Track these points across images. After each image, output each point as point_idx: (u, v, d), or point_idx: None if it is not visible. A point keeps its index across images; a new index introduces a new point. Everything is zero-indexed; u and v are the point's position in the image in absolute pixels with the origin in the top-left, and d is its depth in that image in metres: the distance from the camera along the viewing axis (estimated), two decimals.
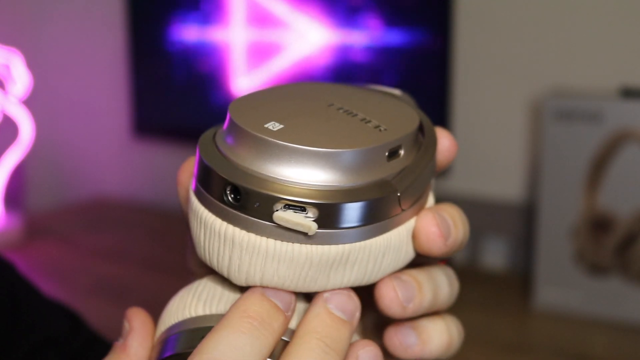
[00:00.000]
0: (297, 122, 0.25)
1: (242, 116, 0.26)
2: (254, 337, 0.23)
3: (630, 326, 0.90)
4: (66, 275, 1.12)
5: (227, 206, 0.24)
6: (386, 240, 0.26)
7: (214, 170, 0.24)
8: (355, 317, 0.26)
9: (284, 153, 0.24)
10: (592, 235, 0.92)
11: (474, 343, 0.87)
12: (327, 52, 1.11)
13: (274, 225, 0.23)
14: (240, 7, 1.19)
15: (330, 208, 0.23)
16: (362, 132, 0.25)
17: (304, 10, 1.12)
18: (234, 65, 1.22)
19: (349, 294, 0.26)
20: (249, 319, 0.23)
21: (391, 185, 0.25)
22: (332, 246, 0.24)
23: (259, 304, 0.24)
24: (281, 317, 0.24)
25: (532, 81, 1.08)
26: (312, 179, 0.24)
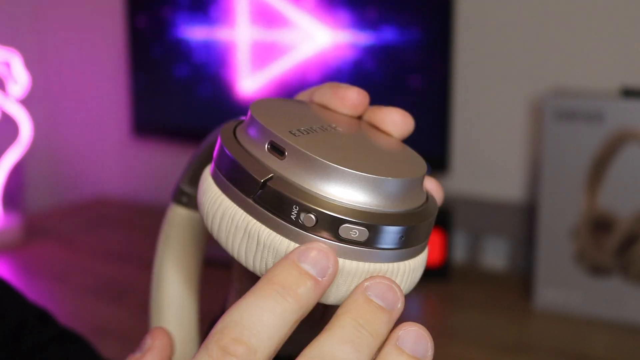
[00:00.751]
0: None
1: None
2: (276, 302, 0.23)
3: (630, 326, 0.90)
4: (66, 275, 1.12)
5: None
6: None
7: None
8: (396, 308, 0.25)
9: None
10: (593, 236, 0.91)
11: (474, 343, 0.87)
12: (331, 52, 1.11)
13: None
14: (243, 8, 1.19)
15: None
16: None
17: (308, 11, 1.12)
18: (238, 65, 1.22)
19: (390, 285, 0.26)
20: (272, 285, 0.23)
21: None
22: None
23: (286, 271, 0.24)
24: (308, 283, 0.24)
25: (532, 81, 1.08)
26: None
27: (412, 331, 0.25)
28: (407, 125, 0.31)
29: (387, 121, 0.31)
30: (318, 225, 0.25)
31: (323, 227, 0.25)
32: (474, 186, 1.15)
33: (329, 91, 0.31)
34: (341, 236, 0.25)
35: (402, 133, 0.31)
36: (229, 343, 0.22)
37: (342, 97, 0.31)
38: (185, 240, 0.37)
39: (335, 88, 0.31)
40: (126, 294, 1.04)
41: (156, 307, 0.37)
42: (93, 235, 1.33)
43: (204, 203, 0.28)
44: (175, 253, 0.37)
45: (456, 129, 1.14)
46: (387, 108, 0.31)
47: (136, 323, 0.94)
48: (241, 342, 0.22)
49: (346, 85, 0.31)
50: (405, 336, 0.25)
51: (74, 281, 1.09)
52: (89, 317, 0.97)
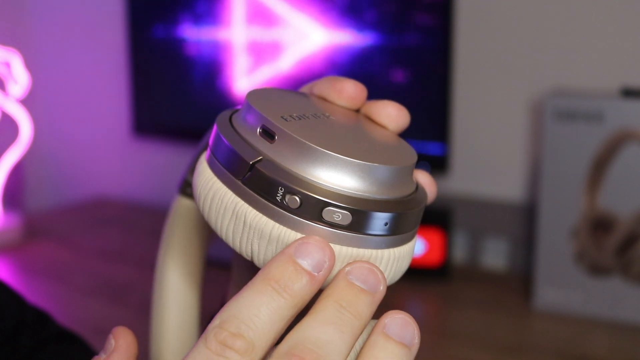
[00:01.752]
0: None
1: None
2: (272, 297, 0.24)
3: (630, 326, 0.90)
4: (66, 275, 1.12)
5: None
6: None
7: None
8: (379, 291, 0.26)
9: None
10: (593, 236, 0.91)
11: (473, 343, 0.87)
12: (328, 51, 1.11)
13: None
14: (240, 8, 1.19)
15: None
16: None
17: (305, 10, 1.12)
18: (235, 64, 1.22)
19: (371, 267, 0.26)
20: (268, 281, 0.24)
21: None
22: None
23: (282, 266, 0.24)
24: (304, 279, 0.24)
25: (532, 81, 1.08)
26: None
27: (398, 318, 0.25)
28: (402, 119, 0.32)
29: (382, 114, 0.31)
30: (302, 208, 0.25)
31: (307, 210, 0.25)
32: (474, 186, 1.15)
33: (328, 83, 0.32)
34: (324, 219, 0.25)
35: (397, 126, 0.32)
36: (227, 337, 0.23)
37: (339, 90, 0.31)
38: (190, 230, 0.38)
39: (333, 81, 0.32)
40: (126, 294, 1.04)
41: (159, 294, 0.38)
42: (93, 235, 1.33)
43: (197, 185, 0.28)
44: (179, 242, 0.37)
45: (456, 129, 1.14)
46: (383, 101, 0.32)
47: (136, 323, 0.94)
48: (240, 336, 0.23)
49: (344, 78, 0.32)
50: (392, 323, 0.25)
51: (74, 281, 1.09)
52: (89, 317, 0.97)
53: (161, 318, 0.38)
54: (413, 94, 1.05)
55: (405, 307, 1.00)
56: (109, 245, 1.27)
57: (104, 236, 1.33)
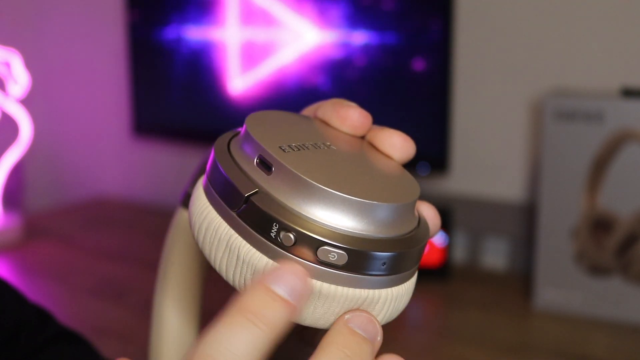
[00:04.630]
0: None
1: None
2: (246, 329, 0.23)
3: (630, 326, 0.90)
4: (66, 275, 1.12)
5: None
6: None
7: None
8: (377, 340, 0.25)
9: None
10: (593, 236, 0.91)
11: (474, 343, 0.87)
12: (323, 51, 1.11)
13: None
14: (238, 8, 1.19)
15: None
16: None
17: (299, 10, 1.12)
18: (230, 65, 1.22)
19: (369, 317, 0.25)
20: (243, 312, 0.23)
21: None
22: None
23: (257, 296, 0.23)
24: (280, 307, 0.23)
25: (532, 81, 1.08)
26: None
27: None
28: (407, 150, 0.31)
29: (387, 144, 0.30)
30: (297, 245, 0.24)
31: (302, 248, 0.24)
32: (474, 186, 1.15)
33: (332, 108, 0.31)
34: (320, 258, 0.24)
35: (401, 156, 0.30)
36: None
37: (343, 117, 0.30)
38: (190, 242, 0.37)
39: (338, 106, 0.31)
40: (126, 294, 1.04)
41: (158, 310, 0.37)
42: (93, 235, 1.33)
43: (193, 212, 0.27)
44: (180, 255, 0.37)
45: (456, 129, 1.13)
46: (389, 130, 0.31)
47: (136, 323, 0.94)
48: None
49: (349, 104, 0.31)
50: None
51: (74, 281, 1.09)
52: (89, 317, 0.97)
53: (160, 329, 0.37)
54: (413, 93, 1.05)
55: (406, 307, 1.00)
56: (109, 245, 1.27)
57: (104, 236, 1.33)
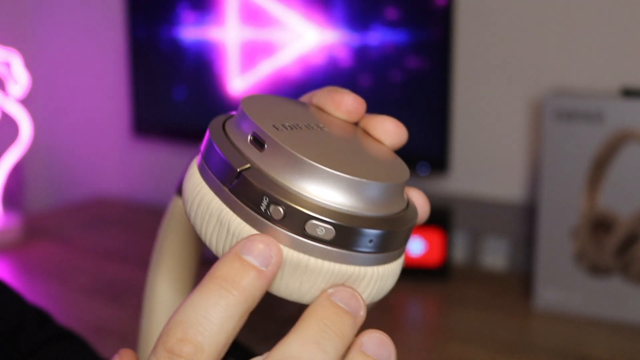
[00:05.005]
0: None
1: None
2: (220, 296, 0.23)
3: (630, 326, 0.90)
4: (66, 275, 1.12)
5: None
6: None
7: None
8: (360, 315, 0.26)
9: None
10: (593, 236, 0.91)
11: (474, 343, 0.87)
12: (323, 51, 1.11)
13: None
14: (238, 8, 1.19)
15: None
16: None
17: (300, 9, 1.12)
18: (231, 64, 1.22)
19: (352, 291, 0.26)
20: (215, 279, 0.24)
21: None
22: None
23: (228, 264, 0.24)
24: (251, 273, 0.24)
25: (532, 81, 1.08)
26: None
27: (374, 337, 0.25)
28: (399, 135, 0.31)
29: (379, 129, 0.31)
30: (286, 219, 0.25)
31: (290, 221, 0.25)
32: (474, 186, 1.15)
33: (327, 94, 0.31)
34: (307, 232, 0.25)
35: (393, 142, 0.31)
36: (174, 344, 0.23)
37: (337, 102, 0.31)
38: (185, 231, 0.37)
39: (332, 92, 0.31)
40: (126, 294, 1.04)
41: (150, 294, 0.38)
42: (93, 235, 1.33)
43: (186, 189, 0.28)
44: (173, 243, 0.37)
45: (456, 129, 1.13)
46: (381, 116, 0.31)
47: (136, 323, 0.94)
48: (186, 341, 0.22)
49: (344, 90, 0.31)
50: (369, 341, 0.25)
51: (74, 281, 1.09)
52: (89, 317, 0.97)
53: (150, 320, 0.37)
54: (413, 93, 1.05)
55: (406, 307, 1.00)
56: (109, 245, 1.27)
57: (104, 236, 1.33)
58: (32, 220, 1.41)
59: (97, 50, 1.58)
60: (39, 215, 1.48)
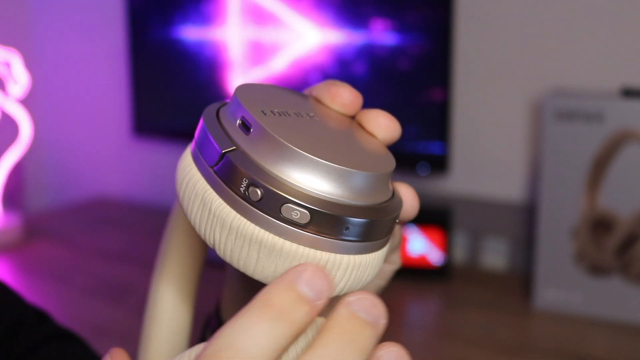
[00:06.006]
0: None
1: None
2: (271, 327, 0.23)
3: (630, 326, 0.90)
4: (66, 275, 1.12)
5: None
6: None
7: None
8: (380, 323, 0.25)
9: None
10: (593, 236, 0.91)
11: (474, 343, 0.87)
12: (325, 52, 1.11)
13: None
14: (238, 8, 1.19)
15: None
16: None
17: (302, 10, 1.12)
18: (232, 64, 1.22)
19: (373, 300, 0.25)
20: (269, 308, 0.23)
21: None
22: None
23: (283, 294, 0.23)
24: (304, 308, 0.23)
25: (532, 81, 1.08)
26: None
27: (392, 351, 0.25)
28: (392, 130, 0.31)
29: (372, 122, 0.31)
30: (263, 201, 0.25)
31: (267, 204, 0.25)
32: (474, 186, 1.15)
33: (325, 87, 0.32)
34: (283, 215, 0.25)
35: (385, 136, 0.31)
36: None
37: (333, 94, 0.31)
38: (190, 231, 0.37)
39: (330, 85, 0.32)
40: (126, 294, 1.04)
41: (154, 294, 0.38)
42: (93, 235, 1.33)
43: (178, 170, 0.29)
44: (181, 236, 0.37)
45: (456, 129, 1.14)
46: (375, 110, 0.32)
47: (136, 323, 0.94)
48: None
49: (341, 83, 0.32)
50: (386, 356, 0.25)
51: (74, 281, 1.09)
52: (89, 317, 0.97)
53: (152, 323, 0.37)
54: (413, 93, 1.05)
55: (406, 307, 1.00)
56: (109, 245, 1.27)
57: (104, 236, 1.33)
58: (32, 220, 1.41)
59: (97, 50, 1.58)
60: (39, 215, 1.48)
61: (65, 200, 1.67)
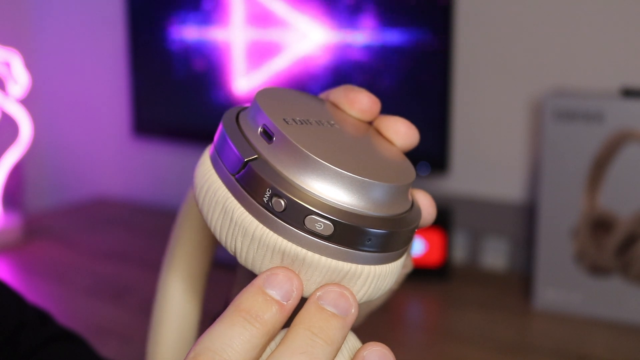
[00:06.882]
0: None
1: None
2: (244, 328, 0.24)
3: (630, 326, 0.90)
4: (66, 275, 1.12)
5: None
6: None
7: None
8: (350, 314, 0.26)
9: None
10: (593, 236, 0.91)
11: (474, 343, 0.87)
12: (327, 52, 1.11)
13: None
14: (240, 7, 1.19)
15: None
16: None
17: (304, 10, 1.12)
18: (234, 64, 1.22)
19: (341, 291, 0.26)
20: (240, 312, 0.25)
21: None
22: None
23: (252, 298, 0.25)
24: (273, 308, 0.25)
25: (532, 81, 1.08)
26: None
27: (376, 351, 0.26)
28: (411, 137, 0.32)
29: (391, 129, 0.31)
30: (286, 212, 0.25)
31: (291, 215, 0.25)
32: (474, 186, 1.15)
33: (342, 92, 0.32)
34: (306, 227, 0.25)
35: (404, 143, 0.31)
36: None
37: (352, 100, 0.31)
38: (201, 220, 0.38)
39: (348, 90, 0.32)
40: (126, 294, 1.04)
41: (162, 292, 0.38)
42: (93, 235, 1.33)
43: (196, 175, 0.29)
44: (190, 231, 0.37)
45: (456, 129, 1.14)
46: (394, 117, 0.32)
47: (136, 323, 0.94)
48: None
49: (359, 89, 0.32)
50: (370, 355, 0.26)
51: (74, 281, 1.09)
52: (89, 317, 0.97)
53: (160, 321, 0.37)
54: (413, 94, 1.05)
55: (406, 307, 1.00)
56: (109, 245, 1.27)
57: (104, 236, 1.33)
58: (32, 220, 1.41)
59: (97, 50, 1.58)
60: (39, 215, 1.48)
61: (65, 200, 1.67)
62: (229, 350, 0.24)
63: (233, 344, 0.24)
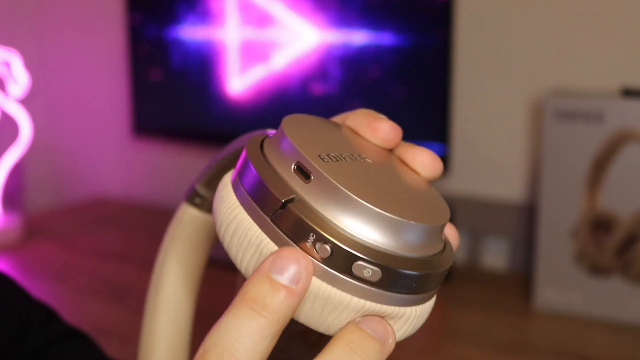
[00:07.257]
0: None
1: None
2: (251, 319, 0.23)
3: (630, 326, 0.90)
4: (66, 275, 1.12)
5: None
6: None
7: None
8: (388, 343, 0.25)
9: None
10: (593, 236, 0.91)
11: (474, 343, 0.87)
12: (323, 52, 1.11)
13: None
14: (237, 8, 1.19)
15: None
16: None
17: (300, 10, 1.12)
18: (229, 64, 1.22)
19: (381, 320, 0.26)
20: (246, 302, 0.24)
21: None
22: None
23: (258, 285, 0.24)
24: (282, 293, 0.24)
25: (533, 81, 1.08)
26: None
27: None
28: (436, 169, 0.31)
29: (417, 161, 0.31)
30: (332, 258, 0.24)
31: (337, 261, 0.24)
32: (475, 186, 1.15)
33: (363, 119, 0.31)
34: (354, 273, 0.24)
35: (429, 174, 0.31)
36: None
37: (374, 128, 0.31)
38: (191, 240, 0.37)
39: (369, 117, 0.31)
40: (126, 294, 1.04)
41: (152, 302, 0.37)
42: (93, 235, 1.33)
43: (220, 210, 0.27)
44: (179, 252, 0.37)
45: (456, 129, 1.13)
46: (418, 148, 0.31)
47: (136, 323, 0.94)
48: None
49: (380, 116, 0.31)
50: None
51: (74, 281, 1.09)
52: (89, 317, 0.97)
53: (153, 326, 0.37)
54: (413, 94, 1.05)
55: None
56: (109, 245, 1.27)
57: (104, 236, 1.33)
58: (32, 220, 1.41)
59: (97, 50, 1.58)
60: (39, 215, 1.48)
61: (65, 200, 1.67)
62: (237, 345, 0.23)
63: (241, 337, 0.23)
